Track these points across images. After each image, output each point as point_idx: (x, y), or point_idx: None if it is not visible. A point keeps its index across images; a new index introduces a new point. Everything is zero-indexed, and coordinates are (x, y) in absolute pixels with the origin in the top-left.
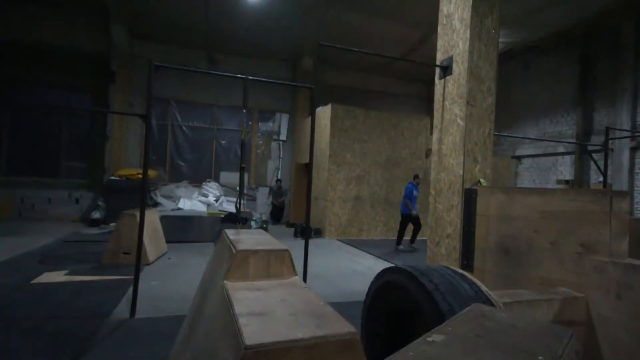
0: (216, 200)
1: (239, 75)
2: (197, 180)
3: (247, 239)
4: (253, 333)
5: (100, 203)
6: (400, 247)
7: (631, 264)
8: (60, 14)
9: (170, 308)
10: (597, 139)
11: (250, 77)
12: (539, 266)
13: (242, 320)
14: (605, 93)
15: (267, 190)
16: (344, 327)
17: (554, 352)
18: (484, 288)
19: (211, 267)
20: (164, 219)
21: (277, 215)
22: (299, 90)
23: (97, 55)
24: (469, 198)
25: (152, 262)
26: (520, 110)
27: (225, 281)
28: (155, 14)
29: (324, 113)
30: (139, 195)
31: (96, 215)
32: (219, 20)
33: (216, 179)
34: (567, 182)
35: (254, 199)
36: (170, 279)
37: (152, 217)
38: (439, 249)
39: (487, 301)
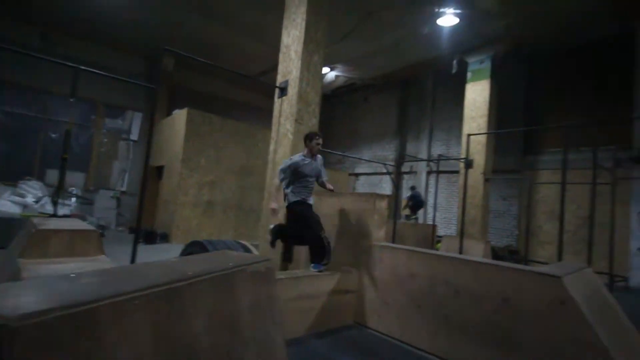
0: (36, 201)
1: (69, 64)
2: (12, 177)
3: (54, 223)
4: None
5: None
6: None
7: (382, 245)
8: None
9: None
10: (407, 164)
11: (82, 67)
12: (334, 252)
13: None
14: (414, 129)
15: (109, 193)
16: None
17: (236, 263)
18: (253, 251)
19: (7, 252)
20: None
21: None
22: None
23: None
24: None
25: None
26: (360, 135)
27: (20, 259)
28: None
29: (179, 116)
30: None
31: None
32: None
33: (41, 177)
34: (387, 196)
35: (90, 203)
36: None
37: None
38: (267, 244)
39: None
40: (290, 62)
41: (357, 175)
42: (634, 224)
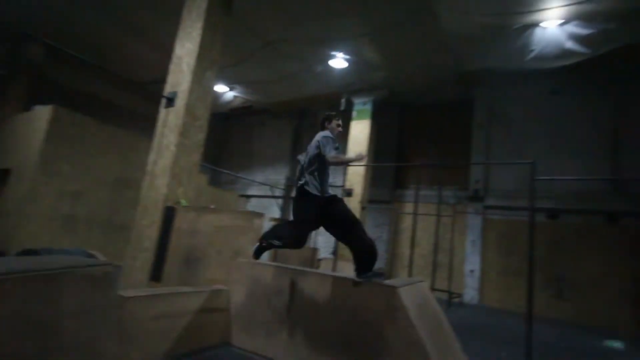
0: None
1: None
2: None
3: None
4: None
5: None
6: None
7: (254, 262)
8: None
9: None
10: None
11: None
12: (208, 270)
13: None
14: None
15: None
16: None
17: (63, 265)
18: (101, 259)
19: None
20: None
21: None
22: (12, 78)
23: None
24: (168, 215)
25: None
26: (255, 157)
27: None
28: None
29: (41, 113)
30: None
31: None
32: None
33: None
34: (275, 219)
35: None
36: None
37: None
38: (135, 262)
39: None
40: (180, 74)
41: (248, 197)
42: (468, 250)
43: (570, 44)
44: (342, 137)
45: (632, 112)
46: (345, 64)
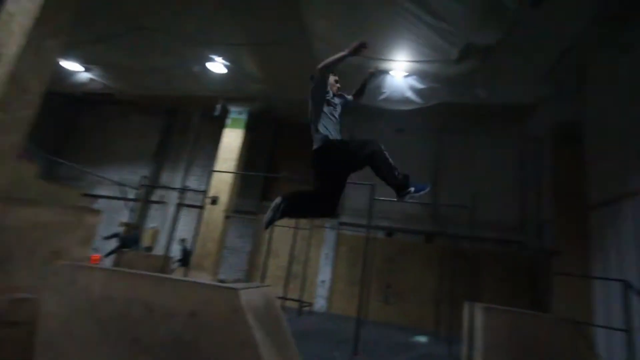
0: None
1: None
2: None
3: None
4: None
5: None
6: None
7: (78, 265)
8: None
9: None
10: (158, 194)
11: None
12: (11, 275)
13: None
14: (172, 159)
15: None
16: None
17: None
18: None
19: None
20: None
21: None
22: None
23: None
24: None
25: None
26: (111, 152)
27: None
28: None
29: None
30: None
31: None
32: None
33: None
34: (127, 224)
35: None
36: None
37: None
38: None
39: None
40: (9, 35)
41: (95, 196)
42: (322, 262)
43: (409, 94)
44: (213, 144)
45: (446, 153)
46: (224, 70)
